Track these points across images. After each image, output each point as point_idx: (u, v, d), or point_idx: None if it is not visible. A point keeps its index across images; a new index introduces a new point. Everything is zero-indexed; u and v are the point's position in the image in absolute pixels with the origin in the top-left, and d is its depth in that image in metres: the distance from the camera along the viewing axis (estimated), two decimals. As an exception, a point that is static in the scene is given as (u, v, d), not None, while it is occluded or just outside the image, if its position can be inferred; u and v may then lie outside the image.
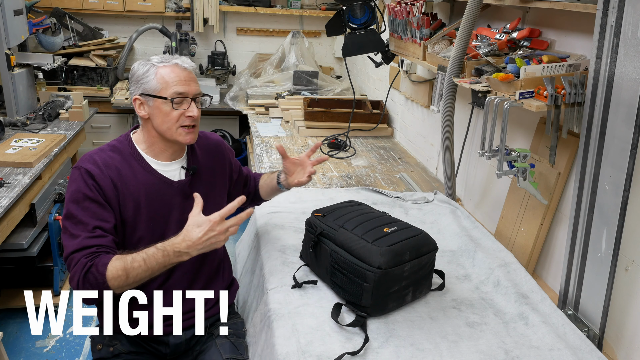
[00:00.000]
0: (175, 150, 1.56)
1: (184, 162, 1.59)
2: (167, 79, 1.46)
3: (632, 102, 1.37)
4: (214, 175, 1.65)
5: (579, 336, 1.43)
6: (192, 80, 1.50)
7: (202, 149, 1.65)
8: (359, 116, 3.38)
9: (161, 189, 1.53)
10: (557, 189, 1.82)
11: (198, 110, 1.51)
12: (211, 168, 1.65)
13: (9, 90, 3.08)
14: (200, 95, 1.52)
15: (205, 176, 1.62)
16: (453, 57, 1.98)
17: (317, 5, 4.65)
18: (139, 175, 1.51)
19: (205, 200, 1.49)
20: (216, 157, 1.68)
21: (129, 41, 4.19)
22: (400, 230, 1.53)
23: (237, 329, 1.65)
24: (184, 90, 1.47)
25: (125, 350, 1.55)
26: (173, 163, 1.56)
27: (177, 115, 1.47)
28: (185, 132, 1.50)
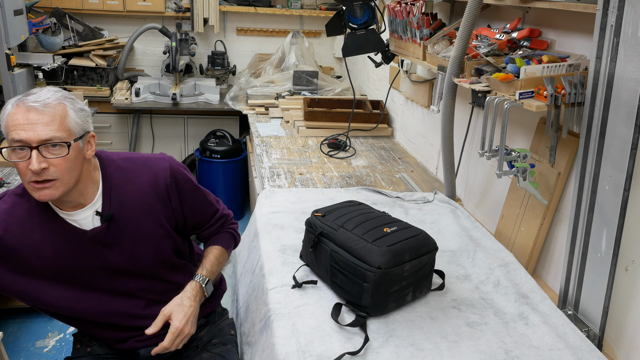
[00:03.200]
0: (76, 200, 1.33)
1: (97, 206, 1.36)
2: (9, 123, 1.21)
3: (632, 102, 1.37)
4: (143, 215, 1.41)
5: (579, 336, 1.43)
6: (40, 121, 1.20)
7: (127, 183, 1.40)
8: (359, 116, 3.38)
9: (73, 240, 1.34)
10: (557, 189, 1.82)
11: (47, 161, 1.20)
12: (140, 207, 1.40)
13: (9, 90, 3.08)
14: (50, 141, 1.20)
15: (131, 217, 1.39)
16: (453, 57, 1.98)
17: (317, 5, 4.65)
18: (45, 225, 1.33)
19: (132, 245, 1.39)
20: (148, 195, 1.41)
21: (129, 41, 4.19)
22: (400, 230, 1.53)
23: (223, 335, 1.62)
24: (21, 138, 1.19)
25: (102, 352, 1.55)
26: (82, 210, 1.35)
27: (22, 169, 1.22)
28: (35, 187, 1.23)
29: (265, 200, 2.19)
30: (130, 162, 1.43)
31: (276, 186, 2.45)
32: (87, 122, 1.31)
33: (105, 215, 1.36)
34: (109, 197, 1.37)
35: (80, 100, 1.33)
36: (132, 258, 1.41)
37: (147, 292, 1.48)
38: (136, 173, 1.41)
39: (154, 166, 1.43)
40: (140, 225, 1.40)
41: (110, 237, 1.38)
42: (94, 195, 1.36)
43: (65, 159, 1.24)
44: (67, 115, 1.25)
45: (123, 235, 1.39)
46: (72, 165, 1.26)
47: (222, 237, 1.62)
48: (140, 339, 1.51)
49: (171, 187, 1.43)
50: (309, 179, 2.57)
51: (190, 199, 1.50)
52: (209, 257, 1.54)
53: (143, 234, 1.41)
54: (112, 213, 1.37)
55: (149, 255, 1.43)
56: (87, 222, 1.36)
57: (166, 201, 1.43)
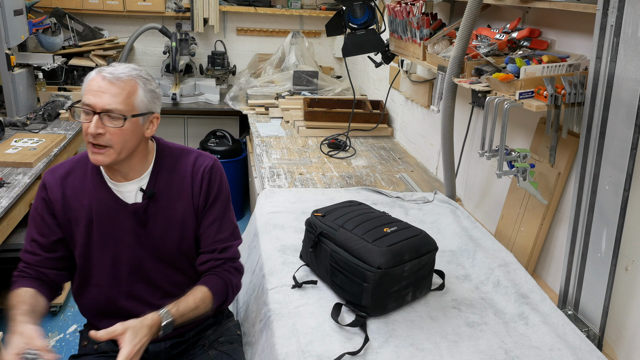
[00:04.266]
0: (125, 172, 1.43)
1: (143, 183, 1.46)
2: (85, 88, 1.34)
3: (632, 102, 1.37)
4: (178, 202, 1.48)
5: (579, 336, 1.43)
6: (108, 92, 1.31)
7: (173, 169, 1.49)
8: (359, 116, 3.38)
9: (114, 209, 1.44)
10: (557, 189, 1.82)
11: (107, 128, 1.31)
12: (178, 194, 1.48)
13: (9, 90, 3.08)
14: (111, 111, 1.30)
15: (168, 202, 1.47)
16: (453, 57, 1.98)
17: (317, 5, 4.65)
18: (94, 191, 1.44)
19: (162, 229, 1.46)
20: (187, 183, 1.49)
21: (129, 41, 4.19)
22: (400, 230, 1.53)
23: (229, 334, 1.62)
24: (89, 102, 1.31)
25: (108, 349, 1.54)
26: (129, 183, 1.45)
27: (85, 129, 1.33)
28: (92, 150, 1.34)
29: (265, 200, 2.19)
30: (184, 151, 1.53)
31: (276, 186, 2.45)
32: (155, 103, 1.40)
33: (148, 192, 1.44)
34: (156, 178, 1.46)
35: (154, 82, 1.42)
36: (161, 240, 1.47)
37: (165, 281, 1.52)
38: (184, 162, 1.50)
39: (199, 159, 1.51)
40: (174, 211, 1.48)
41: (147, 215, 1.45)
42: (142, 172, 1.45)
43: (121, 130, 1.32)
44: (136, 92, 1.34)
45: (158, 216, 1.46)
46: (128, 137, 1.35)
47: (217, 283, 1.50)
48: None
49: (205, 180, 1.49)
50: (309, 179, 2.57)
51: (212, 203, 1.51)
52: (189, 299, 1.43)
53: (174, 219, 1.48)
54: (154, 192, 1.45)
55: (176, 241, 1.48)
56: (130, 195, 1.45)
57: (197, 192, 1.49)
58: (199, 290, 1.46)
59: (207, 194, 1.50)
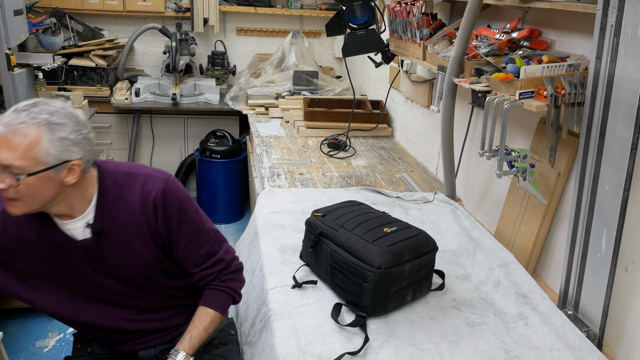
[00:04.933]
0: (64, 212, 1.32)
1: (89, 218, 1.35)
2: None
3: (632, 102, 1.37)
4: (131, 232, 1.38)
5: (579, 336, 1.43)
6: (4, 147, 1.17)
7: (120, 199, 1.37)
8: (359, 116, 3.38)
9: (63, 245, 1.35)
10: (557, 189, 1.82)
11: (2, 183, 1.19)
12: (129, 224, 1.37)
13: (9, 90, 3.08)
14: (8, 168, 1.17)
15: (120, 233, 1.37)
16: (453, 57, 1.98)
17: (317, 5, 4.65)
18: (41, 228, 1.34)
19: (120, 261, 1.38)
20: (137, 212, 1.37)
21: (129, 41, 4.19)
22: (400, 230, 1.53)
23: (223, 335, 1.62)
24: None
25: (101, 352, 1.55)
26: (74, 221, 1.34)
27: None
28: (4, 201, 1.25)
29: (265, 200, 2.19)
30: (129, 176, 1.39)
31: (276, 186, 2.45)
32: (71, 150, 1.23)
33: (95, 229, 1.34)
34: (102, 211, 1.35)
35: (71, 127, 1.23)
36: (120, 272, 1.41)
37: (138, 301, 1.48)
38: (131, 189, 1.37)
39: (148, 185, 1.37)
40: (129, 243, 1.38)
41: (99, 251, 1.37)
42: (85, 208, 1.34)
43: (27, 185, 1.19)
44: (39, 144, 1.18)
45: (112, 249, 1.38)
46: (36, 191, 1.21)
47: (219, 297, 1.48)
48: (139, 342, 1.51)
49: (159, 208, 1.37)
50: (309, 179, 2.57)
51: (178, 229, 1.41)
52: (200, 329, 1.43)
53: (131, 251, 1.39)
54: (102, 227, 1.35)
55: (137, 272, 1.42)
56: (78, 232, 1.35)
57: (153, 223, 1.38)
58: (205, 314, 1.45)
59: (168, 223, 1.39)
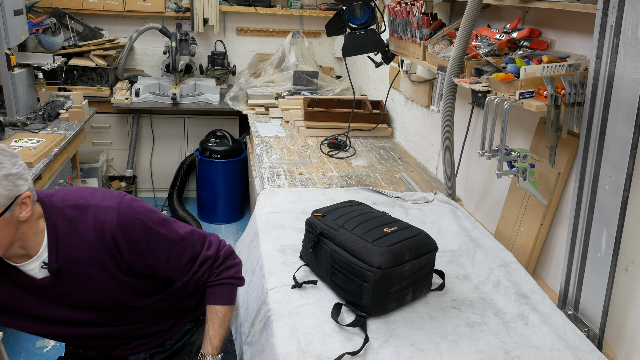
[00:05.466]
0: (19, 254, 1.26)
1: (44, 257, 1.29)
2: None
3: (632, 102, 1.37)
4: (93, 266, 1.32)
5: (579, 336, 1.43)
6: None
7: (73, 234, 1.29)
8: (359, 116, 3.38)
9: (23, 284, 1.30)
10: (557, 189, 1.82)
11: None
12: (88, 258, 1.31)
13: (9, 90, 3.08)
14: None
15: (78, 270, 1.31)
16: (453, 57, 1.98)
17: (317, 5, 4.65)
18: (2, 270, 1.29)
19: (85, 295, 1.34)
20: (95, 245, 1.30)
21: (129, 41, 4.19)
22: (400, 230, 1.53)
23: None
24: None
25: (93, 354, 1.55)
26: (30, 262, 1.28)
27: None
28: None
29: (265, 200, 2.19)
30: (78, 210, 1.30)
31: (276, 186, 2.45)
32: (18, 185, 1.17)
33: (52, 268, 1.28)
34: (56, 248, 1.28)
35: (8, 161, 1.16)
36: (88, 303, 1.37)
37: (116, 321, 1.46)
38: (83, 223, 1.29)
39: (100, 217, 1.29)
40: (91, 276, 1.32)
41: (61, 287, 1.32)
42: (39, 246, 1.27)
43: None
44: None
45: (73, 285, 1.33)
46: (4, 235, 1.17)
47: (221, 291, 1.47)
48: (128, 347, 1.52)
49: (119, 240, 1.30)
50: (309, 179, 2.57)
51: (151, 249, 1.34)
52: (215, 326, 1.43)
53: (94, 284, 1.33)
54: (59, 266, 1.29)
55: (106, 301, 1.38)
56: (35, 272, 1.30)
57: (116, 255, 1.32)
58: (215, 312, 1.45)
59: (135, 249, 1.32)
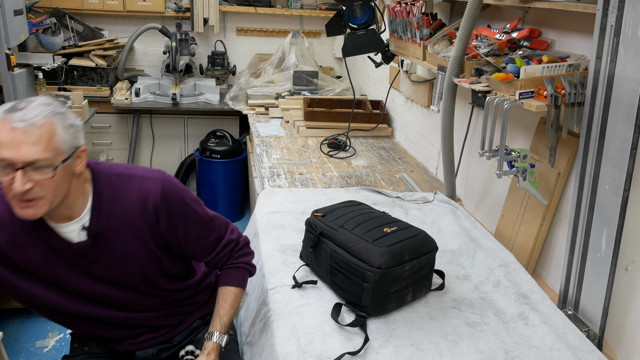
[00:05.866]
0: (63, 214, 1.29)
1: (85, 220, 1.32)
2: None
3: (632, 102, 1.37)
4: (130, 234, 1.36)
5: (579, 336, 1.43)
6: (25, 142, 1.14)
7: (116, 201, 1.34)
8: (359, 116, 3.38)
9: (59, 249, 1.33)
10: (557, 189, 1.82)
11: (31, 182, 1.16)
12: (127, 226, 1.35)
13: (9, 90, 3.08)
14: (36, 163, 1.15)
15: (118, 235, 1.35)
16: (453, 57, 1.98)
17: (317, 5, 4.65)
18: (35, 231, 1.31)
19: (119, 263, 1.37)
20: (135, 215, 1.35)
21: (129, 41, 4.19)
22: (400, 230, 1.53)
23: None
24: (5, 157, 1.14)
25: (99, 351, 1.55)
26: (70, 224, 1.31)
27: (6, 185, 1.17)
28: (19, 206, 1.19)
29: (265, 200, 2.19)
30: (123, 178, 1.36)
31: (276, 186, 2.45)
32: (78, 137, 1.25)
33: (91, 231, 1.32)
34: (98, 213, 1.33)
35: (71, 114, 1.25)
36: (117, 274, 1.39)
37: (134, 305, 1.47)
38: (127, 191, 1.35)
39: (145, 186, 1.35)
40: (126, 245, 1.36)
41: (95, 253, 1.35)
42: (82, 208, 1.32)
43: (52, 179, 1.18)
44: (55, 134, 1.18)
45: (108, 252, 1.36)
46: (59, 184, 1.21)
47: (235, 274, 1.52)
48: (136, 342, 1.51)
49: (160, 209, 1.36)
50: (309, 179, 2.57)
51: (184, 224, 1.41)
52: (226, 307, 1.47)
53: (128, 253, 1.37)
54: (99, 230, 1.33)
55: (134, 274, 1.41)
56: (73, 235, 1.33)
57: (154, 225, 1.37)
58: (228, 292, 1.49)
59: (171, 221, 1.38)
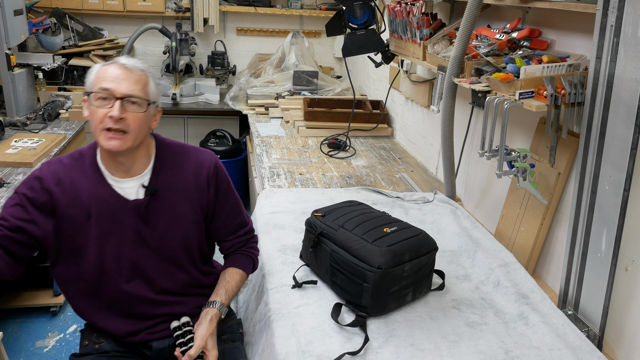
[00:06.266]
0: (129, 166, 1.43)
1: (145, 180, 1.45)
2: (99, 75, 1.35)
3: (632, 102, 1.37)
4: (181, 199, 1.49)
5: (579, 336, 1.43)
6: (127, 79, 1.34)
7: (175, 166, 1.50)
8: (359, 116, 3.38)
9: (114, 205, 1.43)
10: (557, 189, 1.82)
11: (128, 114, 1.34)
12: (181, 191, 1.49)
13: (9, 90, 3.08)
14: (132, 97, 1.34)
15: (170, 198, 1.48)
16: (453, 57, 1.98)
17: (317, 5, 4.65)
18: (93, 187, 1.42)
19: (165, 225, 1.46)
20: (190, 180, 1.50)
21: (129, 41, 4.19)
22: (400, 230, 1.53)
23: (232, 332, 1.62)
24: (109, 87, 1.33)
25: (110, 349, 1.55)
26: (130, 180, 1.44)
27: (100, 116, 1.33)
28: (107, 136, 1.34)
29: (265, 200, 2.19)
30: (182, 148, 1.54)
31: (276, 186, 2.45)
32: (159, 96, 1.46)
33: (151, 189, 1.44)
34: (157, 174, 1.47)
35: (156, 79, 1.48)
36: (162, 238, 1.48)
37: (165, 280, 1.51)
38: (185, 159, 1.51)
39: (201, 156, 1.54)
40: (177, 208, 1.48)
41: (148, 212, 1.45)
42: (143, 168, 1.46)
43: (139, 116, 1.36)
44: (148, 83, 1.40)
45: (160, 212, 1.46)
46: (143, 125, 1.38)
47: (244, 260, 1.62)
48: (152, 331, 1.52)
49: (211, 178, 1.52)
50: (309, 179, 2.57)
51: (224, 198, 1.57)
52: (232, 284, 1.55)
53: (178, 216, 1.49)
54: (157, 189, 1.45)
55: (179, 238, 1.49)
56: (131, 192, 1.44)
57: (204, 191, 1.51)
58: (235, 272, 1.57)
59: (217, 191, 1.54)
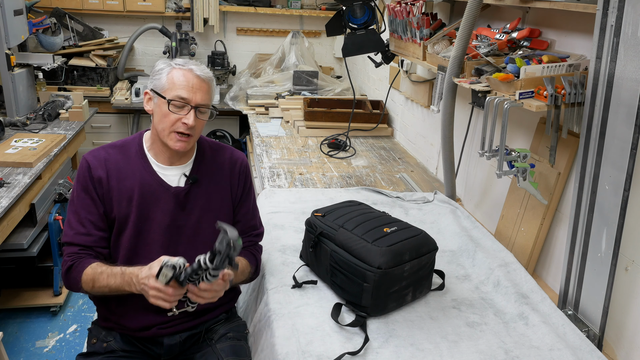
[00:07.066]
0: (172, 155, 1.55)
1: (187, 169, 1.58)
2: (175, 81, 1.46)
3: (632, 102, 1.37)
4: (216, 190, 1.61)
5: (579, 336, 1.43)
6: (201, 89, 1.47)
7: (213, 160, 1.62)
8: (359, 116, 3.38)
9: (156, 190, 1.53)
10: (557, 189, 1.82)
11: (197, 120, 1.48)
12: (217, 183, 1.61)
13: (9, 90, 3.08)
14: (204, 106, 1.49)
15: (207, 189, 1.59)
16: (453, 57, 1.98)
17: (317, 5, 4.65)
18: (138, 173, 1.52)
19: (200, 214, 1.55)
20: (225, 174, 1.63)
21: (129, 41, 4.19)
22: (400, 230, 1.53)
23: (238, 331, 1.63)
24: (186, 96, 1.45)
25: (118, 348, 1.54)
26: (174, 168, 1.56)
27: (173, 119, 1.46)
28: (176, 138, 1.48)
29: (265, 200, 2.19)
30: (219, 145, 1.68)
31: (276, 186, 2.45)
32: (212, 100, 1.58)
33: (193, 177, 1.56)
34: (198, 166, 1.59)
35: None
36: (197, 225, 1.56)
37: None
38: (222, 154, 1.64)
39: (235, 153, 1.67)
40: (212, 198, 1.59)
41: (187, 199, 1.55)
42: (187, 159, 1.58)
43: (204, 122, 1.51)
44: (212, 90, 1.54)
45: (197, 201, 1.56)
46: (202, 128, 1.53)
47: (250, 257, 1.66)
48: (165, 327, 1.52)
49: (242, 174, 1.65)
50: (309, 179, 2.57)
51: (247, 196, 1.67)
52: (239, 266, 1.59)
53: (212, 206, 1.58)
54: (197, 178, 1.56)
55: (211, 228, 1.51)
56: (174, 179, 1.55)
57: (235, 185, 1.63)
58: (242, 261, 1.60)
59: (244, 187, 1.66)
